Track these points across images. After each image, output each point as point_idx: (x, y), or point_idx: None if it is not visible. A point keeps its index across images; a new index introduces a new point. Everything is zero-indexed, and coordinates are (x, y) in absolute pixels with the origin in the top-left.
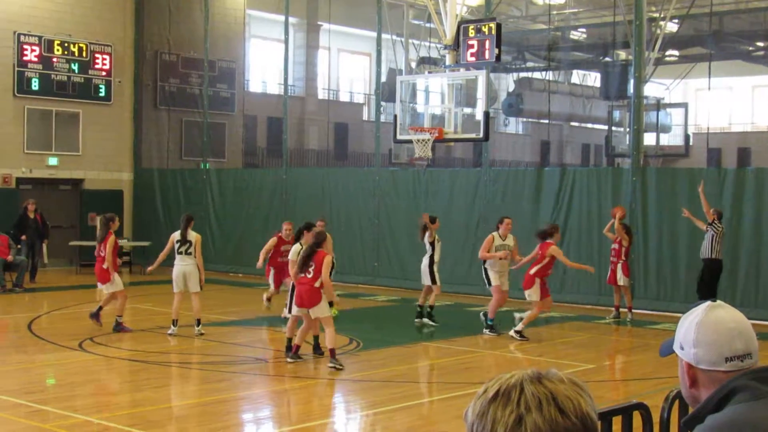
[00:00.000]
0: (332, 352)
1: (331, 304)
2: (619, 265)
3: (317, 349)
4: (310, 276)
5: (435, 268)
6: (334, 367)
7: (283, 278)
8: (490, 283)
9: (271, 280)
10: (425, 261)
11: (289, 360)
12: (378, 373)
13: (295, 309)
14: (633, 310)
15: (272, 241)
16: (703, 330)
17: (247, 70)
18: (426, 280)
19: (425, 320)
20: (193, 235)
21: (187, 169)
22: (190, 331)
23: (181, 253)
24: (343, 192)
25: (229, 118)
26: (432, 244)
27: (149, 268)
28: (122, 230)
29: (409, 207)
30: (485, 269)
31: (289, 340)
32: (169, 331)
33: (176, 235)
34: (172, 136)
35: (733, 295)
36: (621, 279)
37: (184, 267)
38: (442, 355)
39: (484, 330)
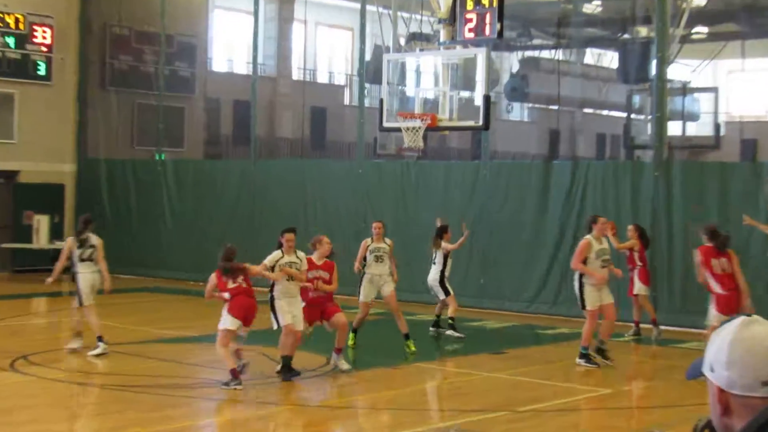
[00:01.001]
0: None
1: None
2: (636, 272)
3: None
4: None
5: (446, 282)
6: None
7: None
8: (584, 305)
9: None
10: (433, 275)
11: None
12: (360, 398)
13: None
14: (659, 326)
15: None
16: (737, 349)
17: (209, 46)
18: (440, 294)
19: (450, 332)
20: (95, 239)
21: (139, 159)
22: (136, 349)
23: (84, 260)
24: (320, 187)
25: (188, 102)
26: (446, 256)
27: (48, 280)
28: (62, 231)
29: (397, 205)
30: (581, 284)
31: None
32: (96, 351)
33: (72, 241)
34: (122, 122)
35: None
36: (638, 287)
37: (94, 275)
38: (434, 377)
39: (578, 360)
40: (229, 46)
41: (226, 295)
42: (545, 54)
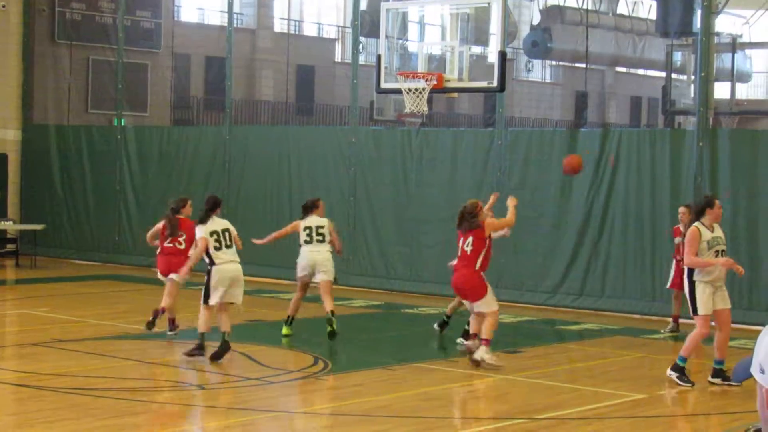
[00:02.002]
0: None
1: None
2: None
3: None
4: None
5: None
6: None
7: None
8: (696, 310)
9: None
10: None
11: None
12: (352, 404)
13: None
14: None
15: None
16: None
17: None
18: None
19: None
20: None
21: (95, 126)
22: (95, 346)
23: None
24: (307, 158)
25: (153, 58)
26: None
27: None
28: (5, 208)
29: (397, 179)
30: (692, 283)
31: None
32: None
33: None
34: (74, 81)
35: None
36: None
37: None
38: (439, 380)
39: (670, 372)
40: None
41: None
42: (571, 3)
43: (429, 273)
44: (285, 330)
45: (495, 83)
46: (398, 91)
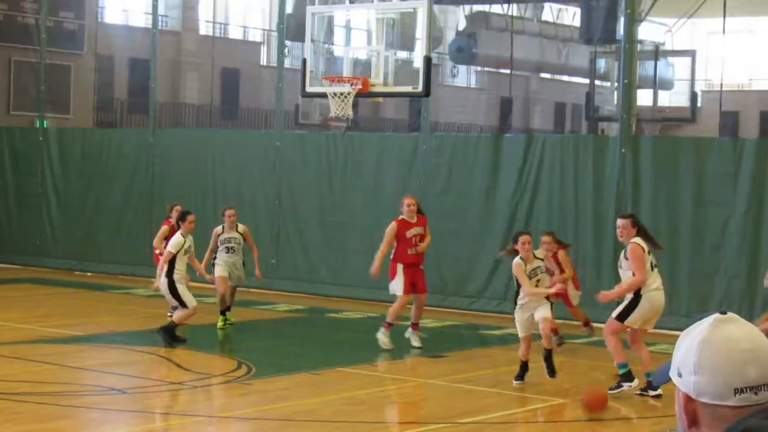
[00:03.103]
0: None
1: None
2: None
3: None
4: None
5: None
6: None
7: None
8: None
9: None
10: None
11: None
12: (276, 408)
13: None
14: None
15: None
16: (707, 352)
17: None
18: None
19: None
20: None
21: (16, 127)
22: (15, 350)
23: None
24: (232, 162)
25: (76, 59)
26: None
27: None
28: None
29: (321, 183)
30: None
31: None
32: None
33: None
34: None
35: (752, 307)
36: (572, 294)
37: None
38: (363, 384)
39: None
40: None
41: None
42: (496, 9)
43: (353, 277)
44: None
45: (420, 88)
46: (324, 96)
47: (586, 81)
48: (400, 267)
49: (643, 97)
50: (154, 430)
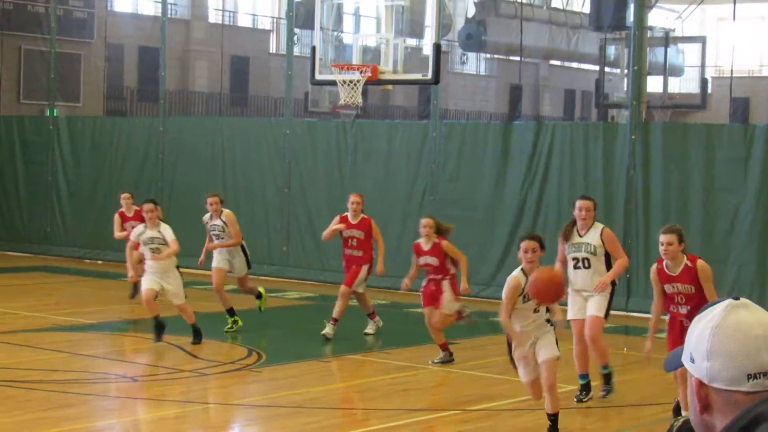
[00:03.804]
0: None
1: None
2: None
3: None
4: None
5: None
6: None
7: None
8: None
9: None
10: None
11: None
12: (286, 396)
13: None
14: (630, 313)
15: None
16: (721, 337)
17: None
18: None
19: None
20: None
21: (27, 116)
22: (26, 338)
23: None
24: (241, 150)
25: (86, 48)
26: None
27: None
28: None
29: (331, 171)
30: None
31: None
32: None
33: None
34: (5, 71)
35: (763, 292)
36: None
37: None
38: (374, 371)
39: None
40: None
41: None
42: None
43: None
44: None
45: (430, 75)
46: (333, 83)
47: (596, 68)
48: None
49: (653, 84)
50: (165, 418)
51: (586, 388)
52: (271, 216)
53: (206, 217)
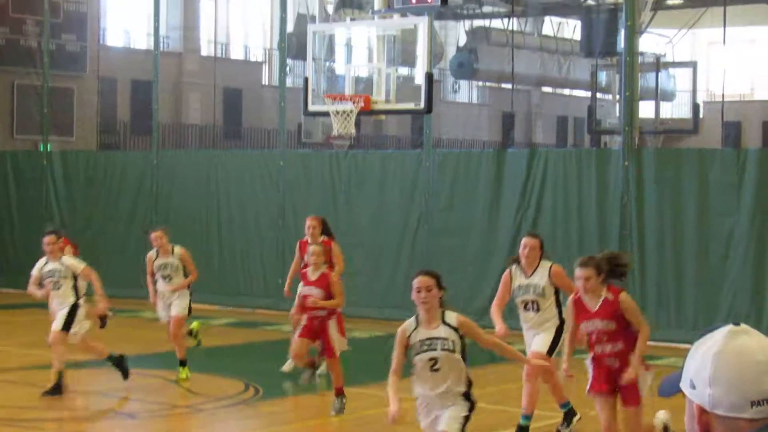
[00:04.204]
0: None
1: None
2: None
3: None
4: None
5: None
6: None
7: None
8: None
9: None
10: None
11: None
12: (285, 430)
13: None
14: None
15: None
16: (723, 363)
17: (103, 16)
18: None
19: None
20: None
21: (20, 151)
22: (22, 375)
23: None
24: (235, 182)
25: (78, 82)
26: None
27: None
28: None
29: (326, 202)
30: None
31: None
32: None
33: None
34: None
35: (760, 317)
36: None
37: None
38: (371, 404)
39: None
40: (126, 15)
41: None
42: (497, 24)
43: (358, 296)
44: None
45: (422, 105)
46: (326, 114)
47: (588, 94)
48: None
49: (645, 109)
50: None
51: (566, 416)
52: (267, 248)
53: (152, 254)
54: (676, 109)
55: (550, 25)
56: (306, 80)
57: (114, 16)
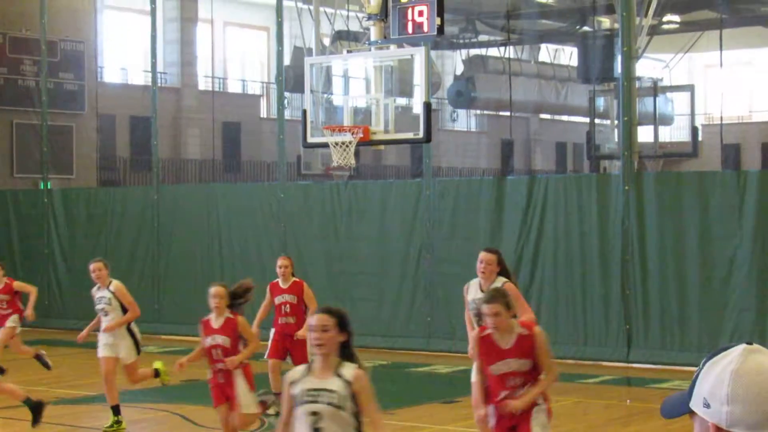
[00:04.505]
0: None
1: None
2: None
3: None
4: None
5: None
6: None
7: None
8: None
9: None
10: None
11: None
12: None
13: None
14: (632, 364)
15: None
16: (742, 382)
17: (100, 54)
18: None
19: None
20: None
21: (21, 190)
22: (28, 412)
23: None
24: (236, 215)
25: (77, 120)
26: None
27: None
28: None
29: (327, 233)
30: None
31: None
32: None
33: None
34: None
35: (764, 339)
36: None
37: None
38: None
39: None
40: (123, 52)
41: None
42: (493, 52)
43: (361, 326)
44: None
45: (421, 134)
46: (325, 145)
47: (586, 120)
48: (272, 332)
49: (644, 134)
50: None
51: None
52: (269, 280)
53: (94, 288)
54: (674, 133)
55: (547, 52)
56: (304, 112)
57: (111, 53)
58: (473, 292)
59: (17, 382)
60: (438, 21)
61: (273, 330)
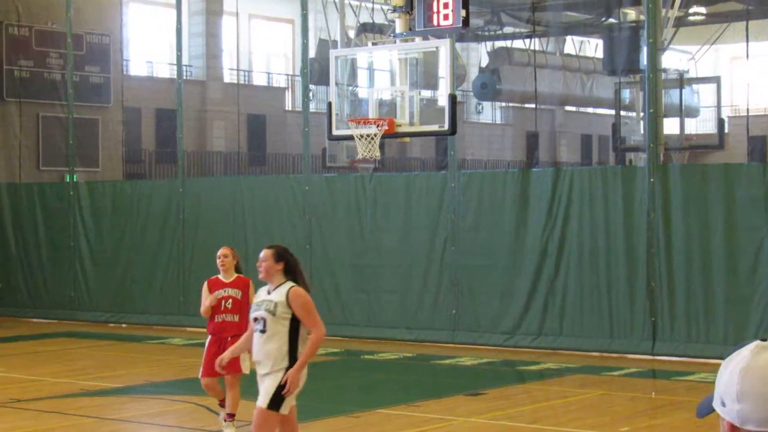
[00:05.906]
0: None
1: None
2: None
3: None
4: None
5: None
6: None
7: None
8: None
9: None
10: None
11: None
12: None
13: None
14: (657, 357)
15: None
16: (750, 379)
17: (125, 47)
18: None
19: None
20: None
21: (47, 183)
22: (54, 404)
23: None
24: (261, 208)
25: (103, 112)
26: None
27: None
28: None
29: (352, 226)
30: None
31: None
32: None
33: None
34: (24, 139)
35: None
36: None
37: None
38: (403, 425)
39: None
40: (149, 45)
41: None
42: (518, 44)
43: (387, 318)
44: None
45: (446, 126)
46: (350, 138)
47: (612, 112)
48: (207, 339)
49: (670, 126)
50: None
51: None
52: None
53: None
54: (700, 125)
55: (572, 43)
56: (329, 105)
57: (136, 46)
58: None
59: (45, 374)
60: (463, 13)
61: (209, 337)
